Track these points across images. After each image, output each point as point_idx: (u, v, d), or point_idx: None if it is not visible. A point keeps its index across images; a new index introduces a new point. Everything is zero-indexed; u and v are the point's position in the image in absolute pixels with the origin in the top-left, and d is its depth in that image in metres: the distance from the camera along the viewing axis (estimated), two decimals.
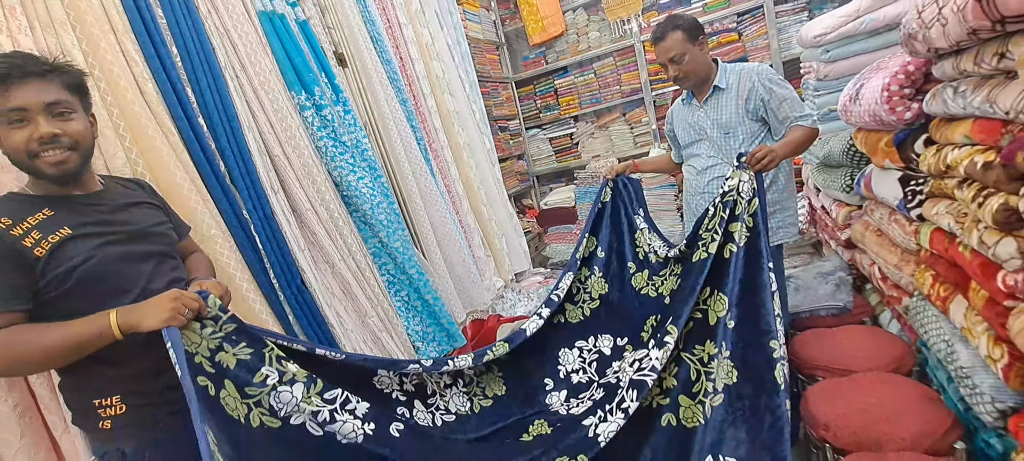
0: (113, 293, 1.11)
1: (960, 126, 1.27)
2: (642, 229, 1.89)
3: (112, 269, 1.12)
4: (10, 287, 1.02)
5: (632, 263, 1.87)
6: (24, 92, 1.04)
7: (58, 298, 1.06)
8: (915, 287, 1.58)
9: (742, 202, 1.56)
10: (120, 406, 1.13)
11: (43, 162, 1.07)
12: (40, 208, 1.08)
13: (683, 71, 1.89)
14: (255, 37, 1.91)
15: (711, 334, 1.50)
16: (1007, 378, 1.11)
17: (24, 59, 1.07)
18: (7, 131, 1.05)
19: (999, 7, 1.01)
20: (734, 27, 3.96)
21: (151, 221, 1.25)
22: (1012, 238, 1.06)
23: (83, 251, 1.08)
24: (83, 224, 1.10)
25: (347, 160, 2.14)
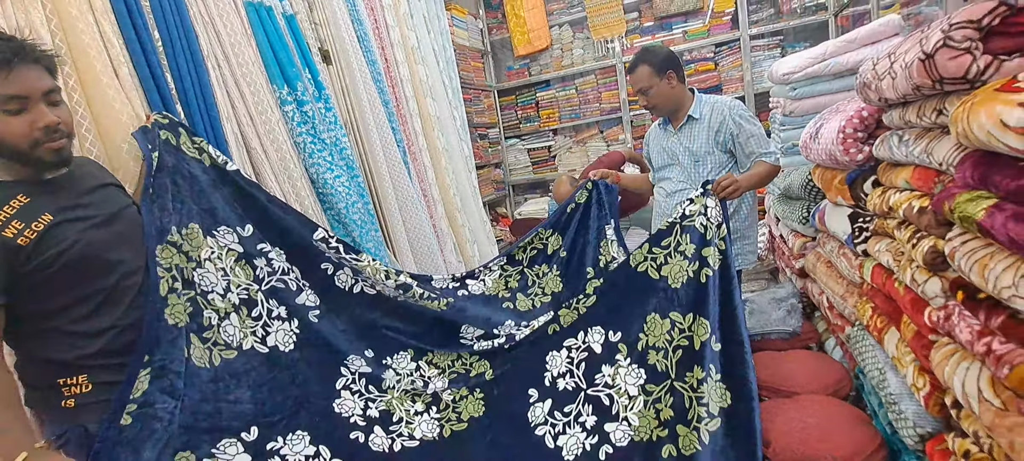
0: (97, 276, 1.12)
1: (902, 172, 1.38)
2: (610, 239, 1.91)
3: (95, 254, 1.12)
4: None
5: (591, 269, 1.90)
6: (25, 78, 1.02)
7: (41, 283, 1.06)
8: (857, 317, 1.68)
9: (712, 227, 1.66)
10: (87, 384, 1.13)
11: (45, 150, 1.05)
12: (15, 194, 1.04)
13: (651, 101, 2.04)
14: (240, 28, 1.92)
15: (698, 359, 1.57)
16: (927, 405, 1.21)
17: (21, 44, 1.03)
18: (4, 118, 1.01)
19: (939, 69, 1.11)
20: (711, 57, 4.11)
21: (121, 203, 1.25)
22: (938, 278, 1.16)
23: (69, 236, 1.07)
24: (62, 208, 1.09)
25: (325, 157, 2.15)
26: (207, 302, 1.39)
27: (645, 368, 1.65)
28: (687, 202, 1.72)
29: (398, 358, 1.70)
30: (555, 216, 2.00)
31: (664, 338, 1.65)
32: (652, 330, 1.67)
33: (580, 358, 1.73)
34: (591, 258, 1.91)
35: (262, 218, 1.56)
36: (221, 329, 1.39)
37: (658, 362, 1.64)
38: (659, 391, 1.62)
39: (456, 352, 1.76)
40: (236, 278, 1.46)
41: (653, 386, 1.63)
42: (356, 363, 1.62)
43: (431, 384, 1.71)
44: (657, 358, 1.65)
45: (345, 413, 1.54)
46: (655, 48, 2.11)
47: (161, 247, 1.30)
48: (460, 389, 1.73)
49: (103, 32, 1.48)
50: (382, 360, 1.67)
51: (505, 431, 1.70)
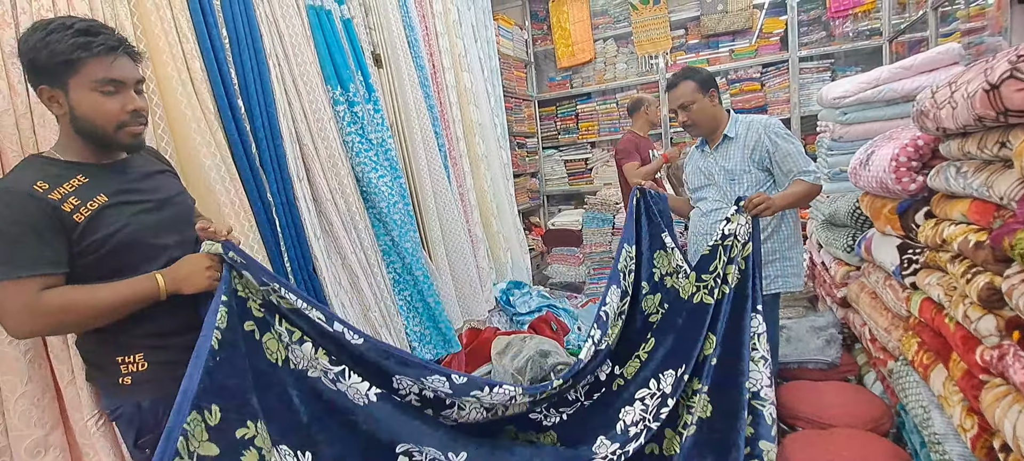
0: (144, 260, 1.16)
1: (959, 204, 1.34)
2: (670, 249, 1.84)
3: (145, 237, 1.16)
4: (53, 252, 1.05)
5: (646, 283, 1.84)
6: (125, 66, 1.11)
7: (94, 263, 1.10)
8: (901, 352, 1.63)
9: (738, 245, 1.63)
10: (143, 363, 1.18)
11: (126, 132, 1.13)
12: (75, 174, 1.10)
13: (691, 118, 2.02)
14: (301, 29, 2.01)
15: (698, 372, 1.57)
16: (974, 448, 1.16)
17: (124, 37, 1.14)
18: (97, 98, 1.08)
19: (1004, 100, 1.08)
20: (758, 77, 4.06)
21: (173, 190, 1.30)
22: (993, 316, 1.12)
23: (120, 219, 1.12)
24: (116, 192, 1.14)
25: (371, 157, 2.22)
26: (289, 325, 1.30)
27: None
28: (724, 222, 1.70)
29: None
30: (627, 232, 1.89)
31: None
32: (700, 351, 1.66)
33: (655, 405, 1.64)
34: (645, 271, 1.86)
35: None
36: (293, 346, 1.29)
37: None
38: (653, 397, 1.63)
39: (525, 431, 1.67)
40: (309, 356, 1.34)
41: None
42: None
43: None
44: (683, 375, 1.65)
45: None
46: (697, 67, 2.11)
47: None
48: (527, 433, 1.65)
49: (179, 27, 1.59)
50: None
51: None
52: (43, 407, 1.35)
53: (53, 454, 1.36)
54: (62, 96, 1.08)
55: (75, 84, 1.07)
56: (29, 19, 1.33)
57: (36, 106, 1.34)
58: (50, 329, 1.18)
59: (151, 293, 1.11)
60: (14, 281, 1.01)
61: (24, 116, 1.32)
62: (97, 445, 1.38)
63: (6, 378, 1.29)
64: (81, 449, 1.40)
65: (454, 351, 2.52)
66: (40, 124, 1.34)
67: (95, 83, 1.07)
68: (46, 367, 1.38)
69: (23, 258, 1.02)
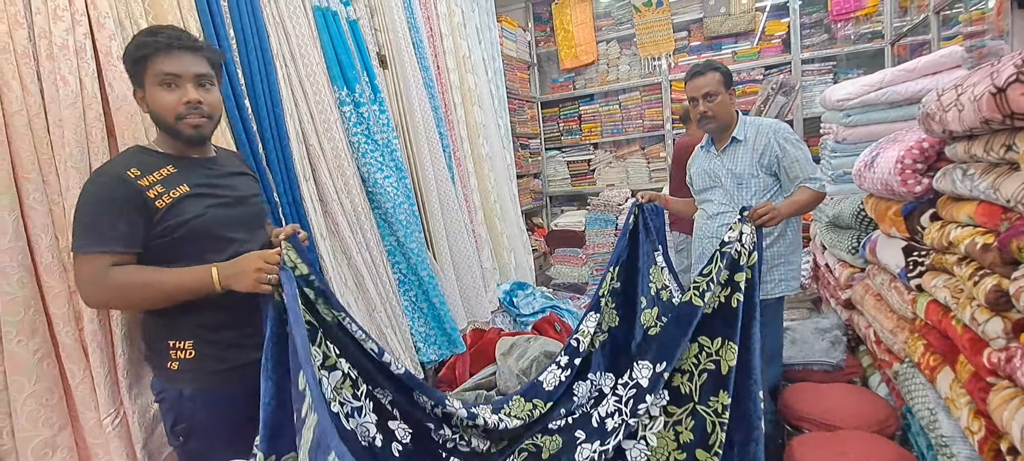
0: (211, 249, 1.24)
1: (965, 207, 1.34)
2: (660, 265, 1.87)
3: (215, 228, 1.25)
4: (131, 231, 1.15)
5: (643, 297, 1.86)
6: (180, 61, 1.19)
7: (166, 245, 1.19)
8: (907, 354, 1.63)
9: (744, 253, 1.62)
10: (191, 351, 1.24)
11: (185, 124, 1.21)
12: (165, 165, 1.22)
13: (712, 110, 1.97)
14: (308, 30, 2.02)
15: (725, 384, 1.52)
16: (982, 451, 1.16)
17: (182, 34, 1.22)
18: (159, 91, 1.19)
19: (1011, 104, 1.08)
20: (760, 79, 4.06)
21: (251, 191, 1.40)
22: (1001, 318, 1.12)
23: (196, 209, 1.22)
24: (198, 185, 1.24)
25: (376, 158, 2.23)
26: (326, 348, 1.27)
27: (669, 390, 1.62)
28: (727, 229, 1.70)
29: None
30: (616, 253, 1.94)
31: (691, 362, 1.61)
32: (681, 354, 1.62)
33: (629, 395, 1.67)
34: (642, 287, 1.87)
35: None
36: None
37: (682, 384, 1.61)
38: (680, 414, 1.58)
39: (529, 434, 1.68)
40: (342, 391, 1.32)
41: (675, 408, 1.59)
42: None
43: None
44: (682, 381, 1.61)
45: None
46: (722, 63, 2.07)
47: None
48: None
49: (187, 27, 1.59)
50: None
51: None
52: (51, 407, 1.35)
53: (61, 455, 1.36)
54: (142, 93, 1.22)
55: (147, 81, 1.20)
56: (44, 20, 1.33)
57: (50, 106, 1.35)
58: (114, 303, 1.26)
59: (205, 284, 1.15)
60: (87, 255, 1.13)
61: (37, 116, 1.33)
62: (110, 445, 1.39)
63: (14, 378, 1.29)
64: (91, 449, 1.40)
65: (459, 352, 2.52)
66: (55, 124, 1.35)
67: (155, 77, 1.18)
68: (55, 367, 1.38)
69: (99, 235, 1.12)
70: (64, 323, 1.37)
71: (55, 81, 1.34)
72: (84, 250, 1.13)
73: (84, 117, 1.37)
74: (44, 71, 1.34)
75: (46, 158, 1.35)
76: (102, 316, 1.41)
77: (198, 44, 1.24)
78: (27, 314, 1.29)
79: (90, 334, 1.38)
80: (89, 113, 1.38)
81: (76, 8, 1.38)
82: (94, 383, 1.40)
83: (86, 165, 1.37)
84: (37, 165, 1.33)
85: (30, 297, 1.30)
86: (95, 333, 1.38)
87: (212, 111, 1.26)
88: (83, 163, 1.36)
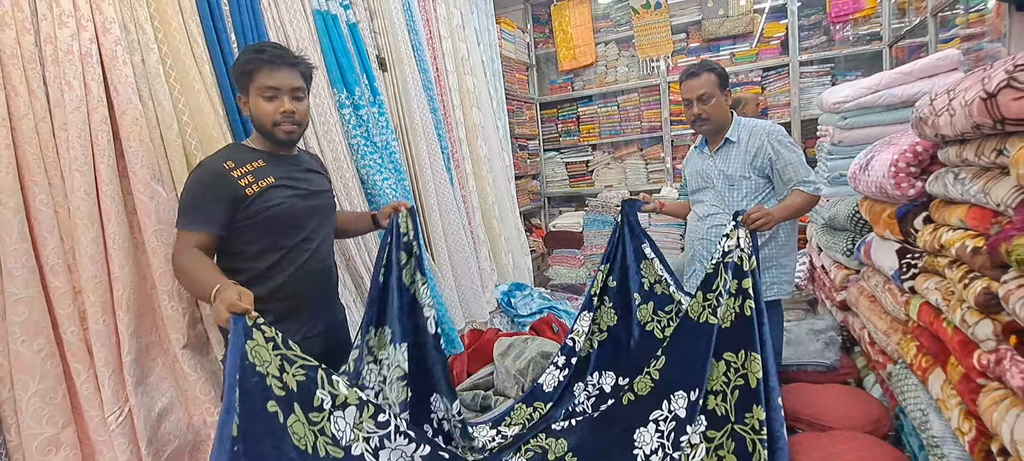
0: (285, 233, 1.42)
1: (957, 210, 1.36)
2: (650, 258, 1.88)
3: (292, 216, 1.43)
4: (219, 214, 1.33)
5: (637, 294, 1.86)
6: (281, 75, 1.38)
7: (252, 225, 1.37)
8: (900, 355, 1.65)
9: (746, 258, 1.61)
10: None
11: (280, 130, 1.40)
12: (256, 159, 1.41)
13: (706, 112, 1.95)
14: (308, 33, 2.04)
15: (756, 398, 1.49)
16: (972, 451, 1.18)
17: (285, 52, 1.41)
18: (261, 102, 1.38)
19: (1001, 109, 1.10)
20: (758, 81, 4.08)
21: (323, 187, 1.58)
22: (990, 320, 1.14)
23: (279, 198, 1.40)
24: (282, 177, 1.43)
25: (376, 160, 2.25)
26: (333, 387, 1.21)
27: (705, 415, 1.57)
28: (724, 238, 1.68)
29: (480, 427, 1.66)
30: (607, 252, 1.97)
31: (721, 381, 1.57)
32: (711, 375, 1.59)
33: (669, 429, 1.62)
34: (635, 283, 1.87)
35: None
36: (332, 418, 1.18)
37: (717, 407, 1.56)
38: (720, 437, 1.53)
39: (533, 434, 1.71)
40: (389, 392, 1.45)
41: (714, 432, 1.54)
42: None
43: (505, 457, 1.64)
44: (716, 402, 1.57)
45: None
46: (716, 62, 2.04)
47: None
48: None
49: (190, 31, 1.61)
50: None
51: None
52: (55, 405, 1.37)
53: (64, 452, 1.38)
54: (246, 100, 1.41)
55: (252, 91, 1.38)
56: (50, 25, 1.35)
57: (56, 110, 1.37)
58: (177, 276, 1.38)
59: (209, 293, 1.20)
60: (180, 232, 1.34)
61: (43, 120, 1.35)
62: (114, 442, 1.41)
63: (19, 377, 1.31)
64: (95, 445, 1.42)
65: (457, 352, 2.54)
66: (60, 128, 1.37)
67: (259, 89, 1.37)
68: (59, 365, 1.40)
69: (189, 218, 1.32)
70: (69, 322, 1.40)
71: (61, 85, 1.36)
72: (178, 227, 1.34)
73: (89, 121, 1.39)
74: (50, 76, 1.36)
75: (52, 161, 1.38)
76: (107, 315, 1.43)
77: (297, 61, 1.42)
78: (31, 314, 1.32)
79: (95, 333, 1.40)
80: (94, 117, 1.40)
81: (81, 13, 1.40)
82: (98, 381, 1.42)
83: (90, 168, 1.39)
84: (43, 168, 1.35)
85: (34, 297, 1.32)
86: (100, 332, 1.40)
87: (302, 119, 1.44)
88: (87, 166, 1.38)
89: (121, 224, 1.44)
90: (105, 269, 1.43)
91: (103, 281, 1.42)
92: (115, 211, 1.42)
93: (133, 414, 1.47)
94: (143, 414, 1.47)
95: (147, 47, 1.53)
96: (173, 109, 1.57)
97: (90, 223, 1.39)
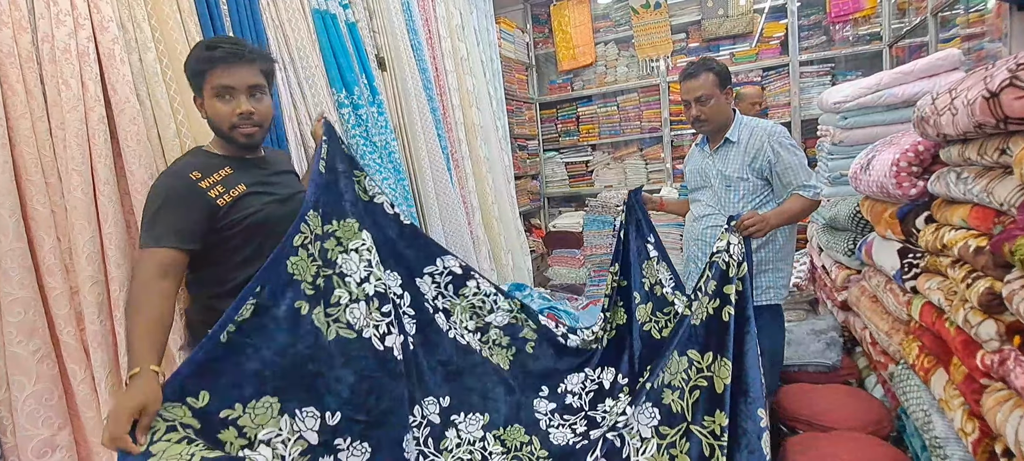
0: (269, 241, 1.33)
1: (959, 210, 1.35)
2: (652, 257, 1.84)
3: (271, 224, 1.36)
4: (188, 229, 1.23)
5: (637, 293, 1.84)
6: (236, 73, 1.28)
7: (228, 238, 1.31)
8: (902, 355, 1.64)
9: (734, 265, 1.57)
10: None
11: (238, 133, 1.31)
12: (224, 166, 1.33)
13: (705, 113, 1.91)
14: (306, 33, 2.03)
15: (720, 403, 1.44)
16: (975, 452, 1.18)
17: (236, 45, 1.30)
18: (215, 102, 1.29)
19: (1004, 108, 1.09)
20: (758, 81, 4.08)
21: (296, 189, 1.50)
22: (993, 320, 1.14)
23: (255, 205, 1.34)
24: (254, 183, 1.36)
25: (375, 160, 2.24)
26: (343, 283, 1.41)
27: (660, 408, 1.51)
28: (716, 238, 1.67)
29: (469, 420, 1.61)
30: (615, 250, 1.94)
31: (681, 377, 1.52)
32: (669, 367, 1.54)
33: (591, 388, 1.73)
34: (636, 282, 1.84)
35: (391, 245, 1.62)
36: (348, 310, 1.38)
37: (673, 402, 1.50)
38: (673, 434, 1.47)
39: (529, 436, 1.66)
40: (378, 273, 1.49)
41: (667, 429, 1.48)
42: (430, 407, 1.56)
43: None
44: (672, 398, 1.51)
45: (407, 454, 1.43)
46: (717, 60, 1.99)
47: (313, 213, 1.39)
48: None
49: (188, 30, 1.60)
50: (452, 415, 1.59)
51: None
52: (51, 406, 1.36)
53: (60, 454, 1.37)
54: (201, 101, 1.31)
55: (206, 91, 1.29)
56: (48, 24, 1.34)
57: (53, 109, 1.36)
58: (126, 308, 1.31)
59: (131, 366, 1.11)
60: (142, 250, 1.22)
61: (40, 119, 1.34)
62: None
63: (16, 378, 1.30)
64: (91, 447, 1.42)
65: None
66: (57, 127, 1.36)
67: (213, 89, 1.28)
68: (55, 366, 1.39)
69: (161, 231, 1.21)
70: (65, 323, 1.39)
71: (57, 85, 1.35)
72: (143, 244, 1.23)
73: (86, 120, 1.38)
74: (47, 75, 1.36)
75: (49, 161, 1.37)
76: (104, 315, 1.42)
77: (253, 56, 1.32)
78: (27, 315, 1.31)
79: (92, 334, 1.39)
80: (91, 116, 1.39)
81: (79, 12, 1.39)
82: (95, 382, 1.42)
83: (88, 168, 1.38)
84: (40, 168, 1.35)
85: (30, 298, 1.32)
86: (97, 333, 1.40)
87: (263, 120, 1.35)
88: (85, 166, 1.37)
89: (118, 224, 1.43)
90: (102, 269, 1.42)
91: (100, 281, 1.41)
92: (112, 211, 1.41)
93: None
94: None
95: (145, 46, 1.52)
96: (170, 108, 1.56)
97: (87, 223, 1.38)
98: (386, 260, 1.58)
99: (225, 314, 1.16)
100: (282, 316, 1.26)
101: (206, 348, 1.13)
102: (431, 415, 1.55)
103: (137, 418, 1.02)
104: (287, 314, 1.27)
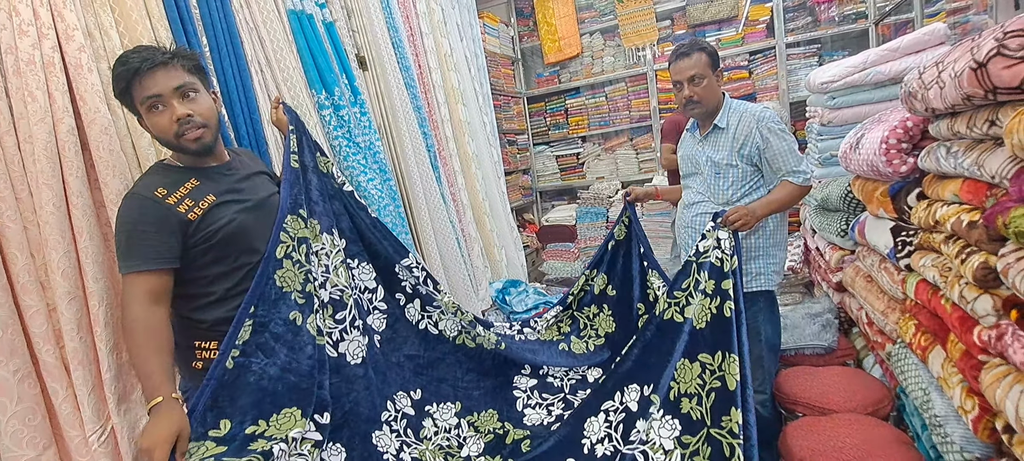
0: (246, 251, 1.31)
1: (950, 184, 1.33)
2: (648, 269, 1.86)
3: (247, 232, 1.32)
4: (167, 248, 1.20)
5: (641, 304, 1.84)
6: (157, 79, 1.20)
7: (203, 252, 1.26)
8: (898, 335, 1.63)
9: (727, 259, 1.58)
10: (215, 351, 1.27)
11: (185, 140, 1.24)
12: (188, 178, 1.27)
13: (698, 93, 1.88)
14: (283, 34, 1.98)
15: (734, 400, 1.43)
16: (976, 429, 1.16)
17: (149, 51, 1.22)
18: (150, 115, 1.23)
19: (992, 78, 1.07)
20: (745, 65, 4.06)
21: (268, 191, 1.44)
22: (989, 295, 1.12)
23: (226, 216, 1.29)
24: (223, 192, 1.30)
25: (359, 161, 2.20)
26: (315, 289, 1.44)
27: (679, 418, 1.51)
28: (700, 238, 1.65)
29: (442, 408, 1.66)
30: (598, 254, 1.95)
31: (696, 383, 1.52)
32: (683, 376, 1.54)
33: (618, 420, 1.61)
34: (639, 293, 1.85)
35: (362, 234, 1.63)
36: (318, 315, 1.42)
37: (692, 410, 1.50)
38: (696, 442, 1.47)
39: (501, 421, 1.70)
40: (336, 278, 1.50)
41: (689, 437, 1.48)
42: (402, 402, 1.59)
43: (466, 447, 1.64)
44: (691, 406, 1.51)
45: (380, 447, 1.47)
46: (707, 41, 1.95)
47: (292, 217, 1.39)
48: (494, 457, 1.64)
49: (158, 36, 1.56)
50: (425, 407, 1.64)
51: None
52: (34, 427, 1.32)
53: None
54: (141, 120, 1.26)
55: (137, 108, 1.23)
56: (10, 35, 1.31)
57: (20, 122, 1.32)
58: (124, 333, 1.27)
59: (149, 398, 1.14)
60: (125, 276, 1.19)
61: (8, 133, 1.31)
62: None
63: None
64: None
65: None
66: (25, 141, 1.32)
67: (142, 103, 1.22)
68: (37, 385, 1.35)
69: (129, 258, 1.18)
70: (44, 341, 1.35)
71: (24, 97, 1.31)
72: (123, 271, 1.19)
73: (55, 132, 1.34)
74: (12, 88, 1.31)
75: (18, 176, 1.33)
76: (84, 332, 1.38)
77: (167, 57, 1.23)
78: (5, 335, 1.27)
79: (72, 351, 1.36)
80: (60, 128, 1.34)
81: (42, 22, 1.34)
82: (77, 401, 1.38)
83: (59, 181, 1.34)
84: (10, 183, 1.31)
85: (8, 318, 1.28)
86: (77, 350, 1.36)
87: (206, 119, 1.28)
88: (56, 179, 1.33)
89: (94, 237, 1.39)
90: (79, 284, 1.38)
91: (78, 297, 1.37)
92: (86, 224, 1.37)
93: (116, 433, 1.42)
94: (127, 432, 1.43)
95: (113, 54, 1.47)
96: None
97: (61, 237, 1.33)
98: (362, 251, 1.60)
99: (225, 340, 1.18)
100: (281, 332, 1.29)
101: (215, 377, 1.17)
102: (405, 407, 1.59)
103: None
104: (285, 330, 1.30)
